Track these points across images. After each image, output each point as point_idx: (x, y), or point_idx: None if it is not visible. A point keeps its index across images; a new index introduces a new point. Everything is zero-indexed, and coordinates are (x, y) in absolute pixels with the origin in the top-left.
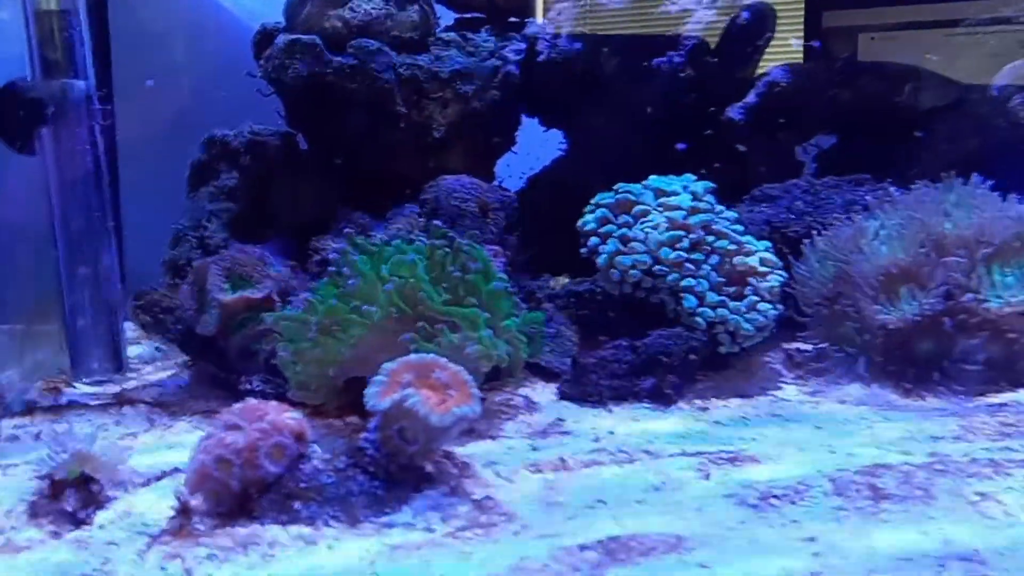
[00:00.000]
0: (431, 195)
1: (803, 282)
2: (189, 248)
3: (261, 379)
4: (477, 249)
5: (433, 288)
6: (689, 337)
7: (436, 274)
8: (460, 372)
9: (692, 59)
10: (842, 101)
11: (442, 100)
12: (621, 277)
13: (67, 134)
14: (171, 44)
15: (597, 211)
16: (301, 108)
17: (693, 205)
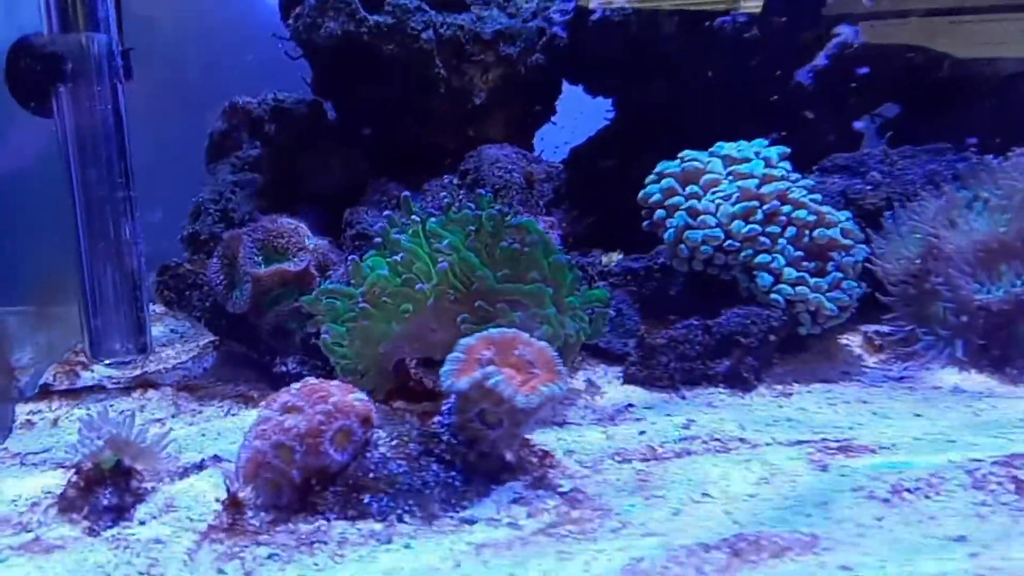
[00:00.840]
0: (472, 165)
1: (886, 258)
2: (211, 222)
3: (297, 360)
4: (529, 222)
5: (484, 265)
6: (768, 316)
7: (487, 248)
8: (545, 348)
9: (758, 18)
10: (916, 64)
11: (483, 63)
12: (691, 254)
13: (87, 93)
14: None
15: (662, 181)
16: (332, 72)
17: (766, 173)
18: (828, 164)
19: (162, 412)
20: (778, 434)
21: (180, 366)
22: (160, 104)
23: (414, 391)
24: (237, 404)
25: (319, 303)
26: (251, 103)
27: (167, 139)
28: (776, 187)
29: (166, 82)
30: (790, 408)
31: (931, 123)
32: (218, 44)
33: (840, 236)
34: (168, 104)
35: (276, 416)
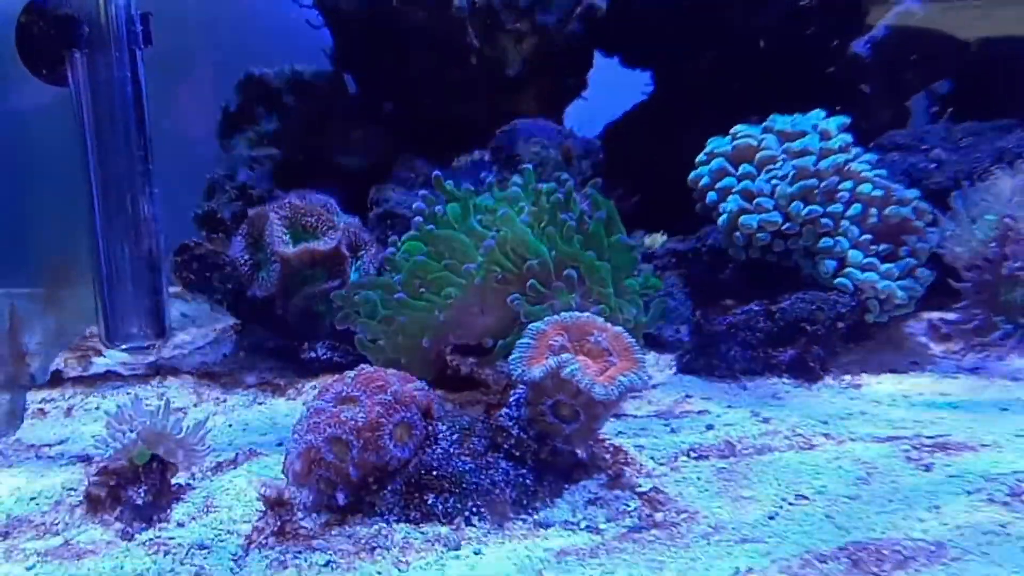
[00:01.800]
0: (505, 141)
1: (956, 242)
2: (228, 199)
3: (327, 346)
4: (599, 196)
5: (540, 242)
6: (835, 302)
7: (544, 224)
8: (622, 334)
9: None
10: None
11: (518, 33)
12: (747, 241)
13: (104, 60)
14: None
15: (712, 161)
16: (356, 42)
17: (823, 147)
18: (886, 142)
19: (183, 400)
20: (858, 428)
21: (198, 351)
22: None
23: (451, 379)
24: (263, 392)
25: (352, 298)
26: (268, 74)
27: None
28: (834, 161)
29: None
30: (862, 401)
31: (988, 99)
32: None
33: (912, 215)
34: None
35: (330, 407)
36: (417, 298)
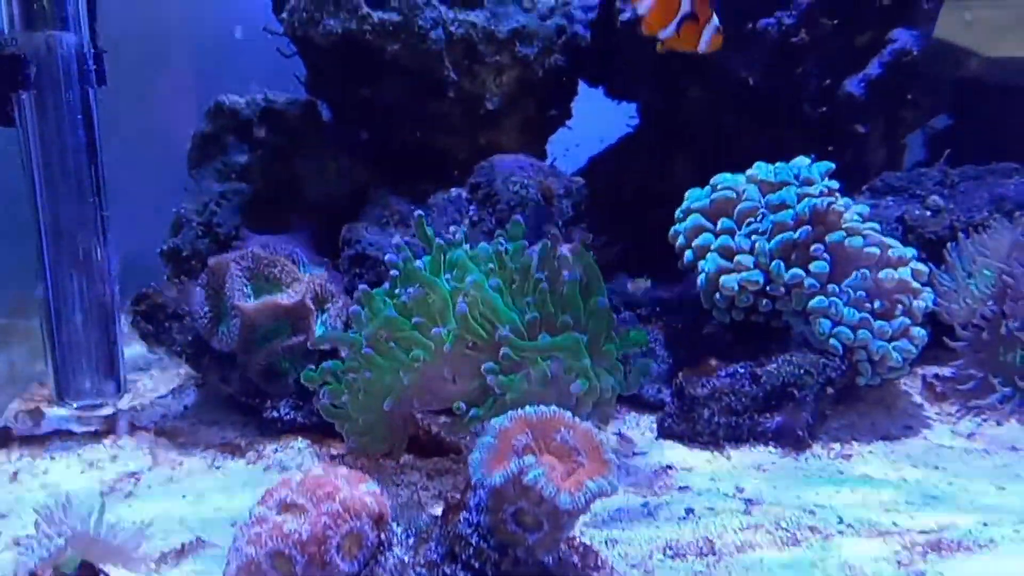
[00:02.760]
0: (484, 178)
1: (950, 297)
2: (194, 236)
3: (290, 405)
4: (581, 255)
5: (511, 309)
6: (825, 365)
7: (517, 284)
8: (591, 432)
9: (806, 21)
10: (978, 74)
11: (498, 65)
12: (729, 303)
13: (54, 101)
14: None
15: (688, 218)
16: (330, 72)
17: (803, 192)
18: (880, 184)
19: (137, 463)
20: (847, 514)
21: (159, 401)
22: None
23: (422, 442)
24: (222, 454)
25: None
26: (238, 103)
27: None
28: (812, 203)
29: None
30: (851, 474)
31: (988, 138)
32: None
33: (909, 276)
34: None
35: (273, 516)
36: (384, 354)
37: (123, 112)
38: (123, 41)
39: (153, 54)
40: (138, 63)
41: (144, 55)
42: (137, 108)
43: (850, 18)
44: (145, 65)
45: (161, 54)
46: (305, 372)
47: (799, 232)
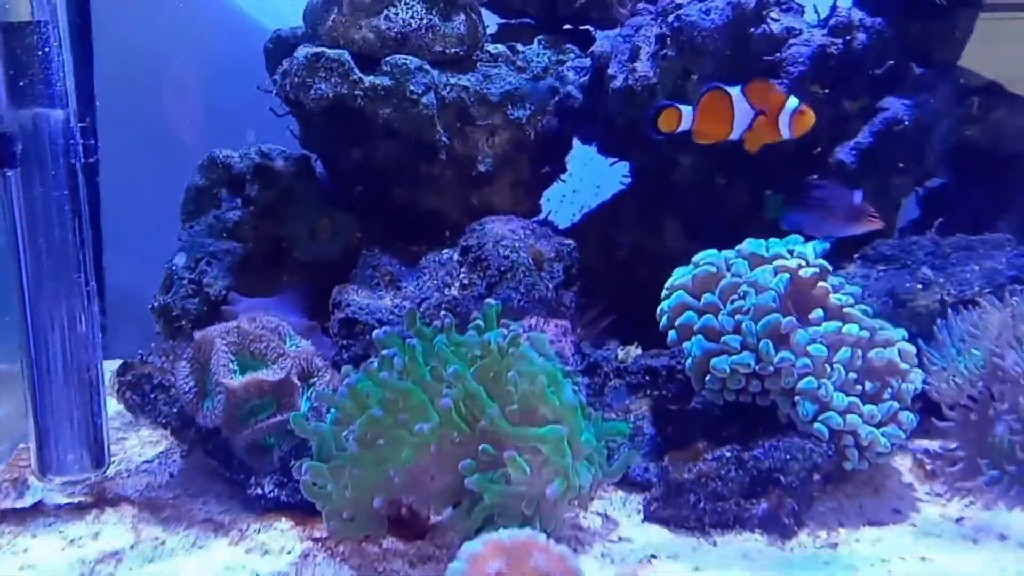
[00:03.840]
0: (475, 241)
1: (940, 376)
2: (184, 295)
3: (275, 482)
4: (528, 356)
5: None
6: (812, 450)
7: (496, 376)
8: (565, 556)
9: (797, 90)
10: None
11: (490, 127)
12: (721, 385)
13: (40, 178)
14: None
15: (672, 296)
16: (322, 133)
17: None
18: (871, 252)
19: (120, 541)
20: None
21: (145, 467)
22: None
23: (405, 524)
24: (205, 532)
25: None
26: (232, 157)
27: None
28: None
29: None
30: (837, 565)
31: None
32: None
33: (899, 359)
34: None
35: None
36: (371, 450)
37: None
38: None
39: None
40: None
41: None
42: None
43: (841, 86)
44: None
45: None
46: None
47: (786, 321)
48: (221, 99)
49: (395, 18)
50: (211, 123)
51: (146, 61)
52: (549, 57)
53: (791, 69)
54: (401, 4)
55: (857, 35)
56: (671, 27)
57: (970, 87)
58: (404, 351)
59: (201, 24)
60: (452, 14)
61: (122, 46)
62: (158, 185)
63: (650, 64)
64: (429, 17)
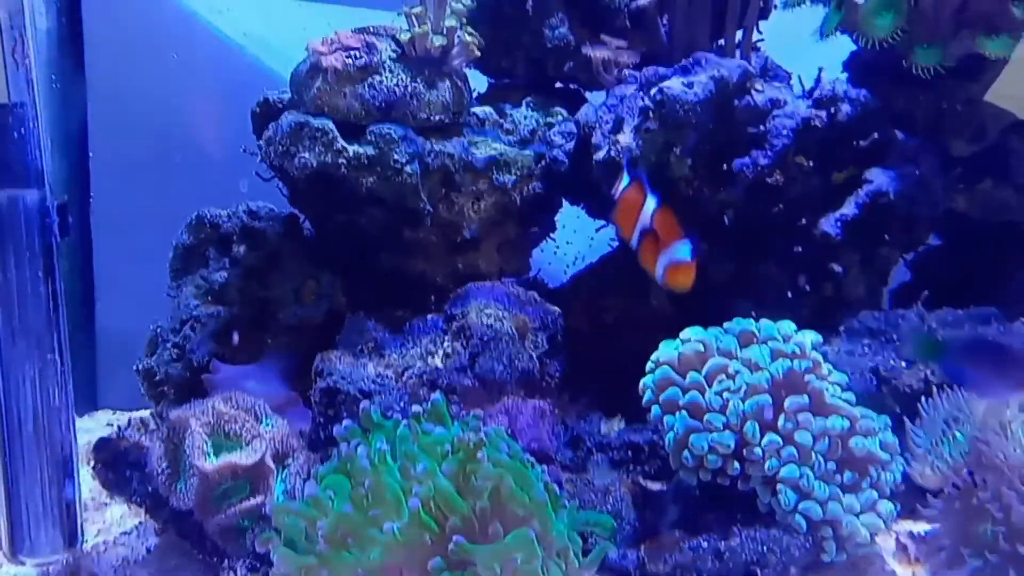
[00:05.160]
0: (458, 310)
1: (924, 460)
2: (168, 359)
3: (247, 566)
4: (506, 452)
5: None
6: (789, 542)
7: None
8: None
9: (781, 162)
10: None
11: (476, 193)
12: (698, 463)
13: (15, 259)
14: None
15: (657, 370)
16: (307, 198)
17: (792, 356)
18: (857, 325)
19: None
20: None
21: (122, 540)
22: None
23: None
24: None
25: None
26: (220, 217)
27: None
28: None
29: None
30: None
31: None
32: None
33: (879, 449)
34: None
35: None
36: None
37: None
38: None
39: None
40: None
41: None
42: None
43: (827, 157)
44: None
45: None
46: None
47: (789, 401)
48: (218, 143)
49: (380, 86)
50: (209, 166)
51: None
52: (537, 120)
53: (775, 142)
54: (386, 72)
55: (841, 107)
56: (653, 100)
57: (956, 157)
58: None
59: (201, 65)
60: (437, 81)
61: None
62: (154, 225)
63: (633, 136)
64: (414, 85)
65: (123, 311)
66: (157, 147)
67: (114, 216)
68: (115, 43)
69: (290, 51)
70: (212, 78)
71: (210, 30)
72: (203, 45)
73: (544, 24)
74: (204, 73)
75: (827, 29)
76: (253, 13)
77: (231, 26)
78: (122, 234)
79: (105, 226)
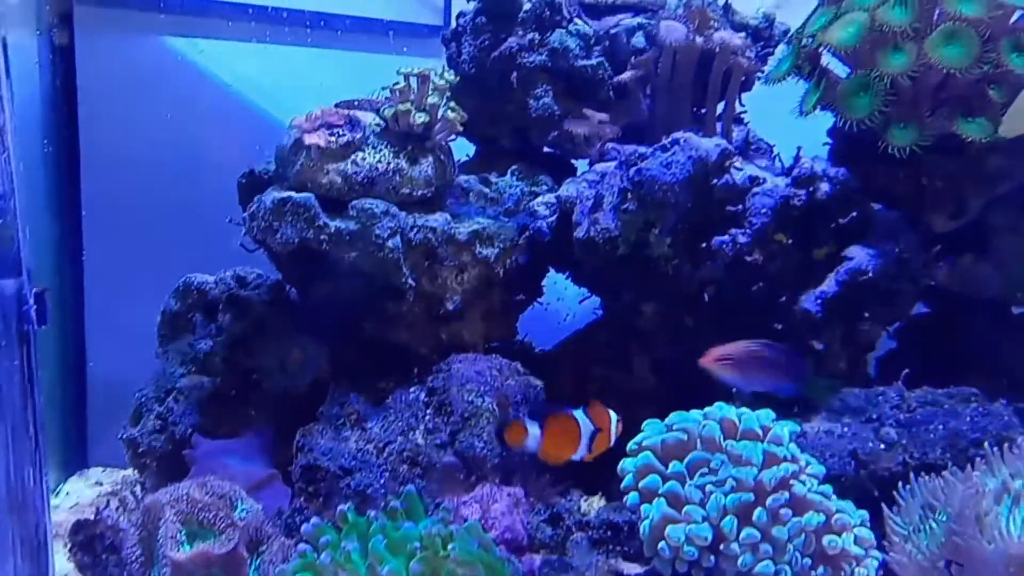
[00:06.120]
0: (440, 383)
1: (902, 550)
2: (151, 430)
3: None
4: (476, 547)
5: None
6: None
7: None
8: None
9: (760, 239)
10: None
11: (459, 265)
12: (674, 554)
13: None
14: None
15: (639, 456)
16: (291, 269)
17: (769, 452)
18: (838, 404)
19: None
20: None
21: None
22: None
23: None
24: None
25: None
26: (207, 284)
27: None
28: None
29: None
30: None
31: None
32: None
33: (852, 545)
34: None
35: None
36: None
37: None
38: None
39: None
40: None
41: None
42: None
43: (807, 233)
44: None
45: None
46: None
47: (771, 499)
48: (214, 194)
49: (362, 163)
50: (203, 219)
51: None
52: (522, 189)
53: (754, 220)
54: (369, 149)
55: (820, 185)
56: (632, 180)
57: (937, 234)
58: (334, 549)
59: (198, 115)
60: (420, 157)
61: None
62: (147, 281)
63: (612, 216)
64: (396, 161)
65: (115, 368)
66: (150, 202)
67: (107, 272)
68: (110, 99)
69: (281, 93)
70: (209, 127)
71: (206, 77)
72: (200, 94)
73: (529, 95)
74: (201, 123)
75: (807, 107)
76: (247, 57)
77: (225, 70)
78: (115, 290)
79: (98, 282)
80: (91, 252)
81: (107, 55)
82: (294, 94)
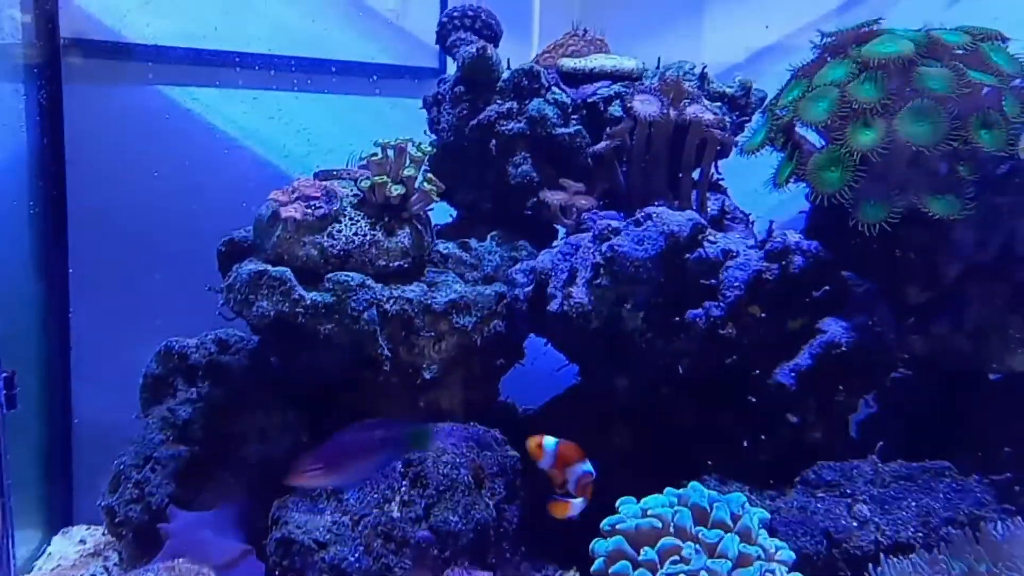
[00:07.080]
0: (417, 455)
1: None
2: (128, 499)
3: None
4: None
5: None
6: None
7: None
8: None
9: (734, 313)
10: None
11: (436, 335)
12: None
13: None
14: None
15: (611, 539)
16: (268, 341)
17: (743, 552)
18: (812, 477)
19: None
20: None
21: None
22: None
23: None
24: None
25: None
26: (188, 347)
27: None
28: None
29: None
30: None
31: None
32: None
33: None
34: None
35: None
36: None
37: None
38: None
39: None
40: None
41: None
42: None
43: (781, 305)
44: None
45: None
46: None
47: None
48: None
49: (338, 235)
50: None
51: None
52: (501, 255)
53: (727, 293)
54: (345, 221)
55: (793, 259)
56: (604, 256)
57: (911, 304)
58: None
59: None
60: (397, 228)
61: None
62: (134, 337)
63: (585, 290)
64: (373, 233)
65: (102, 423)
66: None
67: (94, 327)
68: (98, 152)
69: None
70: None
71: (198, 127)
72: (192, 143)
73: (508, 162)
74: (195, 172)
75: (780, 179)
76: (245, 106)
77: (220, 119)
78: (101, 346)
79: (84, 338)
80: (77, 308)
81: (95, 106)
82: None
